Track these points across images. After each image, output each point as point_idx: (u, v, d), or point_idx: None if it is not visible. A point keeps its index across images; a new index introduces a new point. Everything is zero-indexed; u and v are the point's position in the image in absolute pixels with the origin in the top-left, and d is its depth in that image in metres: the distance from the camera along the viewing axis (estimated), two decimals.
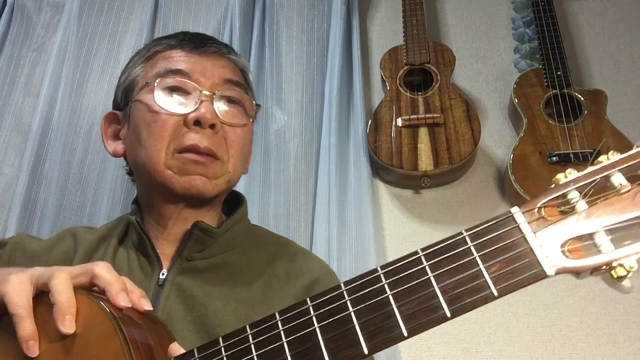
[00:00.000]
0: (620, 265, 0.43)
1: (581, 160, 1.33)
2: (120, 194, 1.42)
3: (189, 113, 0.79)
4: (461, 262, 0.48)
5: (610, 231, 0.44)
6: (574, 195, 0.46)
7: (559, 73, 1.46)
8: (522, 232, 0.46)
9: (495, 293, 0.45)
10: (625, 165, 0.46)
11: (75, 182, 1.48)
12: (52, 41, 1.69)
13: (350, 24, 1.63)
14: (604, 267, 0.43)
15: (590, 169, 0.47)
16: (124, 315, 0.58)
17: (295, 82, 1.56)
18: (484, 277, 0.46)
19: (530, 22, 1.61)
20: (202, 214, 0.83)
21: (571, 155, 1.34)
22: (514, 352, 1.30)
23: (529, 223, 0.46)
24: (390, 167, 1.42)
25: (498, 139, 1.54)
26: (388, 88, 1.54)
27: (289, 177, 1.46)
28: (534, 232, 0.45)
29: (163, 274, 0.78)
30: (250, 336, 0.52)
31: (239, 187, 1.37)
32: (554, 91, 1.44)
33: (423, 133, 1.44)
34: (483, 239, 0.48)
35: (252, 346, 0.52)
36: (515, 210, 0.47)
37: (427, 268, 0.49)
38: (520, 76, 1.50)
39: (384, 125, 1.47)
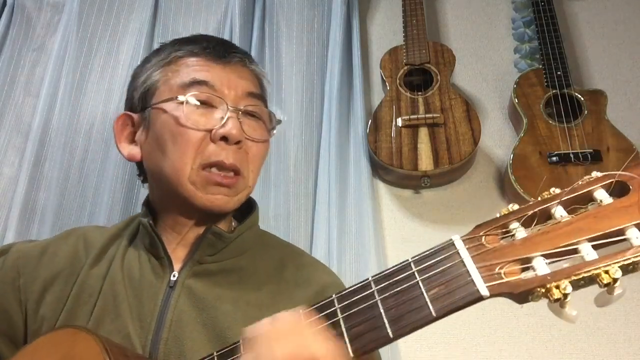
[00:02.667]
0: (556, 287, 0.44)
1: (581, 160, 1.33)
2: (120, 194, 1.43)
3: (215, 128, 0.78)
4: (405, 285, 0.52)
5: (547, 256, 0.46)
6: (514, 225, 0.49)
7: (559, 73, 1.46)
8: (460, 257, 0.49)
9: (434, 313, 0.48)
10: (565, 198, 0.49)
11: (75, 182, 1.48)
12: (52, 41, 1.69)
13: (350, 24, 1.63)
14: (538, 288, 0.45)
15: (532, 201, 0.50)
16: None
17: (295, 82, 1.56)
18: (425, 298, 0.49)
19: (530, 22, 1.61)
20: (215, 221, 0.84)
21: (571, 155, 1.34)
22: (514, 352, 1.30)
23: (467, 249, 0.49)
24: (390, 167, 1.42)
25: (498, 139, 1.54)
26: (388, 88, 1.54)
27: (289, 177, 1.46)
28: (472, 257, 0.48)
29: (174, 276, 0.78)
30: None
31: None
32: (554, 91, 1.44)
33: (423, 133, 1.44)
34: (425, 264, 0.52)
35: None
36: (456, 237, 0.51)
37: (375, 293, 0.53)
38: (520, 76, 1.50)
39: (384, 125, 1.47)
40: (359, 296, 0.53)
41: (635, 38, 1.61)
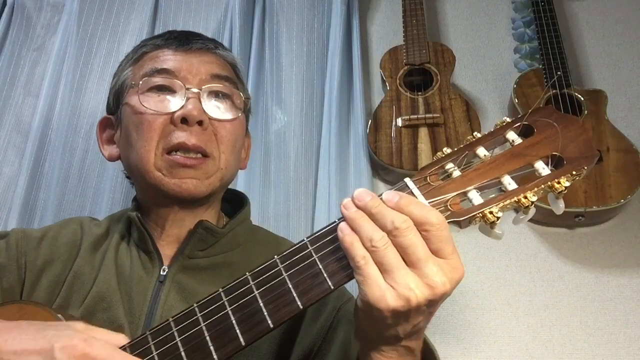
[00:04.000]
0: (490, 212, 0.56)
1: None
2: (120, 194, 1.43)
3: (175, 111, 0.78)
4: None
5: (479, 189, 0.58)
6: (450, 165, 0.60)
7: (559, 73, 1.46)
8: (414, 195, 0.58)
9: None
10: (486, 141, 0.61)
11: (75, 182, 1.48)
12: (52, 41, 1.69)
13: (350, 24, 1.63)
14: (477, 214, 0.56)
15: (460, 146, 0.61)
16: None
17: (295, 82, 1.56)
18: None
19: (530, 22, 1.61)
20: (199, 213, 0.83)
21: None
22: (514, 352, 1.30)
23: (418, 187, 0.59)
24: (390, 167, 1.42)
25: None
26: (388, 88, 1.54)
27: (289, 177, 1.46)
28: (423, 194, 0.58)
29: (164, 271, 0.78)
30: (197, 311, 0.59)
31: (239, 187, 1.37)
32: (554, 91, 1.44)
33: (423, 133, 1.44)
34: None
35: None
36: (407, 179, 0.60)
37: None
38: (520, 76, 1.50)
39: (384, 125, 1.47)
40: (327, 239, 0.59)
41: (635, 38, 1.61)
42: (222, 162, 0.81)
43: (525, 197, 0.56)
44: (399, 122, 1.45)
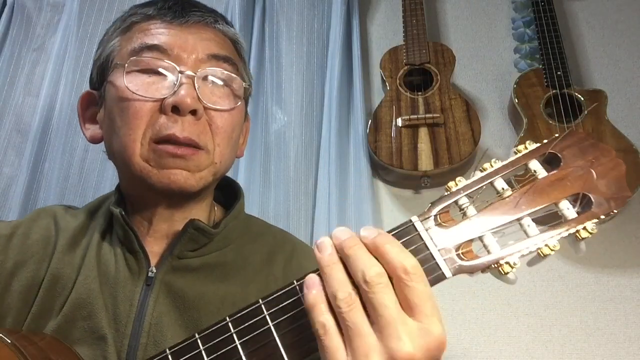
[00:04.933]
0: (507, 263, 0.49)
1: None
2: None
3: (166, 97, 0.68)
4: None
5: (496, 233, 0.51)
6: (464, 201, 0.52)
7: (559, 73, 1.46)
8: (422, 239, 0.50)
9: None
10: (505, 171, 0.52)
11: (75, 182, 1.48)
12: (52, 41, 1.69)
13: (350, 24, 1.63)
14: (492, 265, 0.49)
15: (476, 176, 0.53)
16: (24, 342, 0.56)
17: (295, 82, 1.56)
18: None
19: (530, 22, 1.61)
20: (189, 208, 0.75)
21: None
22: (514, 352, 1.30)
23: (427, 230, 0.51)
24: (390, 167, 1.42)
25: (498, 139, 1.54)
26: (388, 88, 1.54)
27: (289, 177, 1.46)
28: (432, 239, 0.50)
29: (152, 272, 0.69)
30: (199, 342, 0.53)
31: None
32: (554, 91, 1.44)
33: (423, 133, 1.44)
34: None
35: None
36: (415, 219, 0.52)
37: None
38: (520, 76, 1.50)
39: (384, 125, 1.47)
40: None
41: (635, 38, 1.61)
42: (217, 156, 0.72)
43: (547, 246, 0.49)
44: (399, 122, 1.45)
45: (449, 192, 0.53)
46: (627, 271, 1.35)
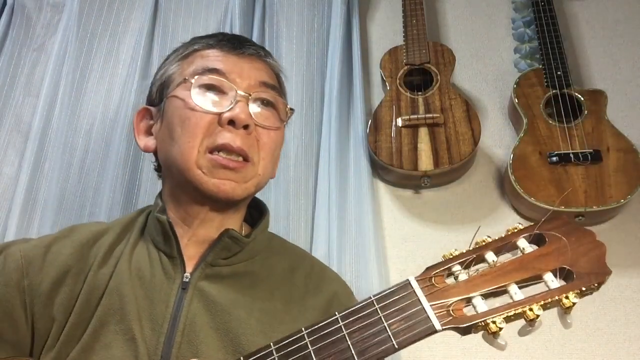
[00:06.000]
0: (493, 322, 0.54)
1: (581, 160, 1.33)
2: (120, 194, 1.42)
3: (223, 112, 0.79)
4: (369, 320, 0.58)
5: (484, 297, 0.57)
6: (457, 268, 0.59)
7: (559, 73, 1.46)
8: (416, 295, 0.57)
9: (396, 345, 0.56)
10: (496, 246, 0.60)
11: (75, 182, 1.48)
12: (52, 41, 1.69)
13: (350, 24, 1.63)
14: (480, 323, 0.55)
15: (469, 248, 0.60)
16: None
17: (295, 82, 1.56)
18: (387, 332, 0.57)
19: (530, 22, 1.61)
20: (227, 217, 0.83)
21: (571, 156, 1.34)
22: (514, 352, 1.30)
23: (422, 288, 0.58)
24: (390, 167, 1.42)
25: (498, 139, 1.54)
26: (388, 88, 1.54)
27: (289, 177, 1.46)
28: (426, 296, 0.57)
29: (187, 278, 0.77)
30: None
31: None
32: (554, 91, 1.44)
33: (423, 133, 1.44)
34: (386, 301, 0.59)
35: None
36: (411, 278, 0.59)
37: (342, 327, 0.58)
38: (520, 76, 1.50)
39: (384, 125, 1.47)
40: (327, 330, 0.59)
41: (635, 38, 1.61)
42: (261, 169, 0.82)
43: (531, 310, 0.54)
44: (399, 122, 1.45)
45: (444, 259, 0.60)
46: (627, 271, 1.35)
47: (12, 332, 0.74)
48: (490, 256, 0.59)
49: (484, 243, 0.61)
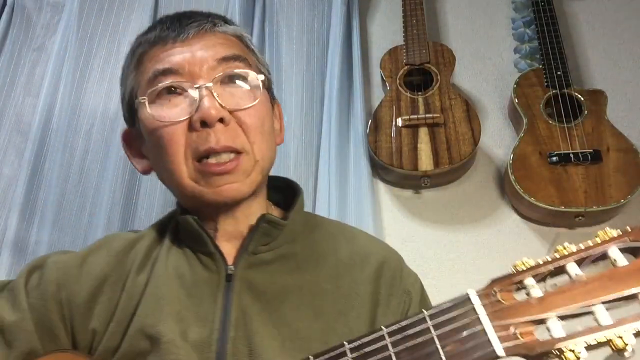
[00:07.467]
0: (571, 350, 0.44)
1: (581, 160, 1.33)
2: (120, 194, 1.43)
3: (192, 115, 0.71)
4: (420, 340, 0.50)
5: (562, 318, 0.46)
6: (529, 281, 0.48)
7: (559, 73, 1.46)
8: (476, 313, 0.48)
9: None
10: (578, 257, 0.48)
11: (75, 182, 1.48)
12: (52, 41, 1.69)
13: (350, 24, 1.63)
14: (554, 351, 0.45)
15: (547, 258, 0.49)
16: None
17: (295, 82, 1.56)
18: (440, 354, 0.48)
19: (530, 22, 1.61)
20: (248, 205, 0.77)
21: (571, 155, 1.34)
22: None
23: (484, 305, 0.48)
24: (390, 167, 1.42)
25: (498, 139, 1.54)
26: (388, 88, 1.54)
27: (289, 177, 1.46)
28: (488, 314, 0.48)
29: (231, 270, 0.73)
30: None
31: None
32: (554, 91, 1.44)
33: (423, 133, 1.44)
34: (441, 319, 0.50)
35: None
36: (472, 292, 0.49)
37: (389, 345, 0.51)
38: (520, 76, 1.50)
39: (384, 125, 1.47)
40: (371, 347, 0.52)
41: (635, 38, 1.61)
42: (257, 153, 0.74)
43: (621, 337, 0.44)
44: (399, 122, 1.45)
45: (514, 271, 0.50)
46: None
47: (53, 346, 0.72)
48: (572, 268, 0.48)
49: (564, 251, 0.49)
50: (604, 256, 0.49)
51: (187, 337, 0.68)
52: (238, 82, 0.75)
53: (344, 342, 0.52)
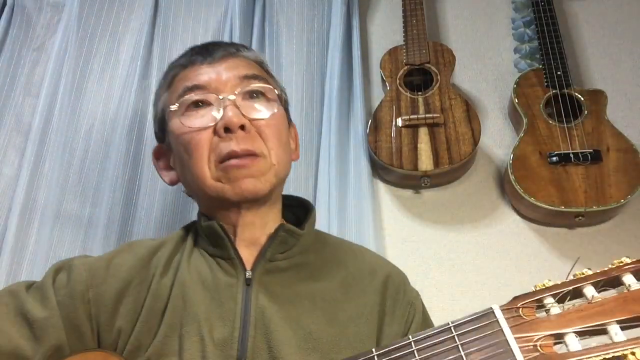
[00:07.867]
0: None
1: (581, 160, 1.33)
2: (120, 194, 1.42)
3: (217, 122, 0.81)
4: (445, 348, 0.54)
5: (579, 334, 0.50)
6: (549, 300, 0.53)
7: (559, 73, 1.46)
8: (499, 326, 0.52)
9: None
10: (595, 280, 0.53)
11: (75, 182, 1.48)
12: (52, 41, 1.69)
13: (350, 24, 1.63)
14: None
15: (566, 280, 0.54)
16: None
17: (295, 82, 1.56)
18: None
19: (530, 22, 1.60)
20: (264, 214, 0.86)
21: (571, 155, 1.34)
22: None
23: (507, 319, 0.52)
24: (390, 167, 1.42)
25: (498, 139, 1.54)
26: (388, 88, 1.54)
27: (289, 177, 1.45)
28: (510, 327, 0.52)
29: (249, 274, 0.80)
30: None
31: None
32: (554, 91, 1.44)
33: (423, 133, 1.44)
34: (465, 329, 0.54)
35: None
36: (495, 307, 0.54)
37: (415, 352, 0.55)
38: (520, 76, 1.50)
39: (384, 125, 1.47)
40: (398, 354, 0.55)
41: (635, 38, 1.61)
42: (273, 158, 0.84)
43: (633, 354, 0.48)
44: (399, 122, 1.45)
45: (535, 290, 0.54)
46: None
47: (79, 345, 0.76)
48: (589, 290, 0.53)
49: (582, 275, 0.54)
50: (619, 281, 0.53)
51: (213, 336, 0.73)
52: (258, 97, 0.86)
53: (372, 350, 0.56)
